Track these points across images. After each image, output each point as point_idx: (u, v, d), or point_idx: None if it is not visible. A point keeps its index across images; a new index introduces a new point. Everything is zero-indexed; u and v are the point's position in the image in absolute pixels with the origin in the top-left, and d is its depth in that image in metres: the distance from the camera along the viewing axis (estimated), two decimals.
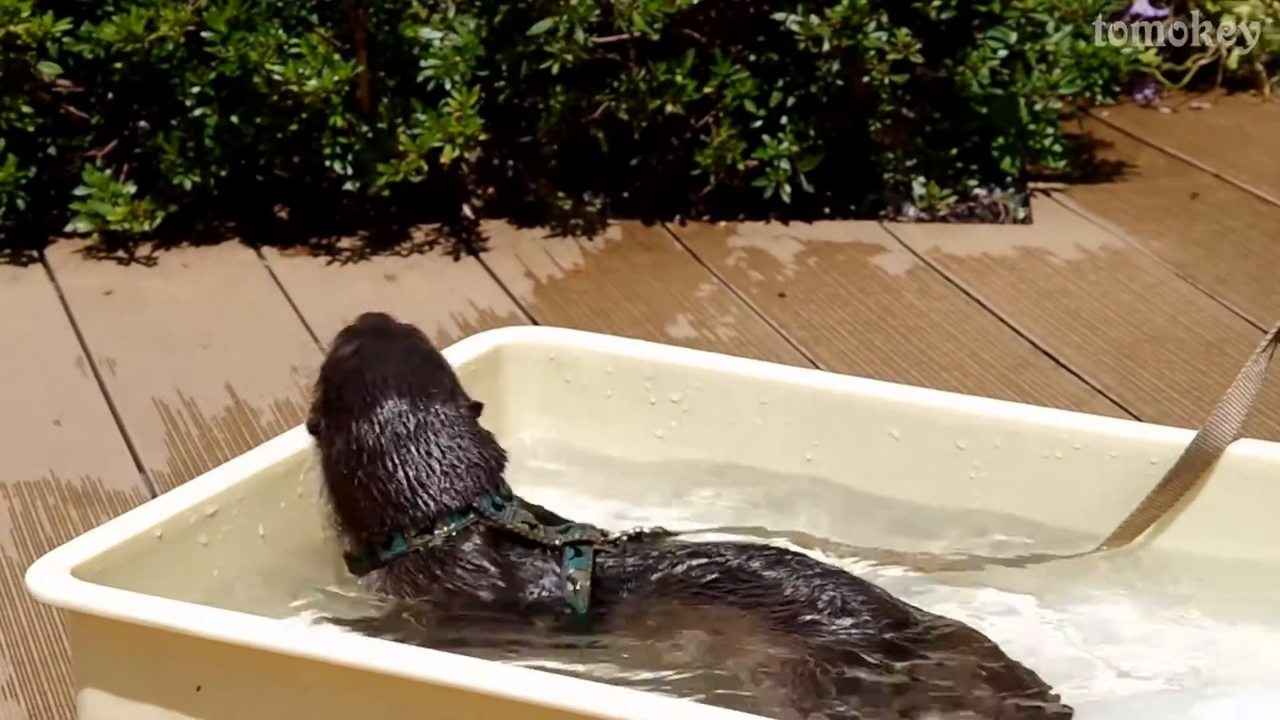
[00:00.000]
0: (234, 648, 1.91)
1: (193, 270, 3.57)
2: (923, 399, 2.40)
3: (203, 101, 3.56)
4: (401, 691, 1.87)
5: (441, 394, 2.23)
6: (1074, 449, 2.29)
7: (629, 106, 3.65)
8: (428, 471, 2.17)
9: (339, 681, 1.89)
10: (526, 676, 1.86)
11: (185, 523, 2.12)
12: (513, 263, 3.60)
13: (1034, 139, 3.80)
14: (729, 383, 2.46)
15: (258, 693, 1.93)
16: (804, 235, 3.70)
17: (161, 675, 1.94)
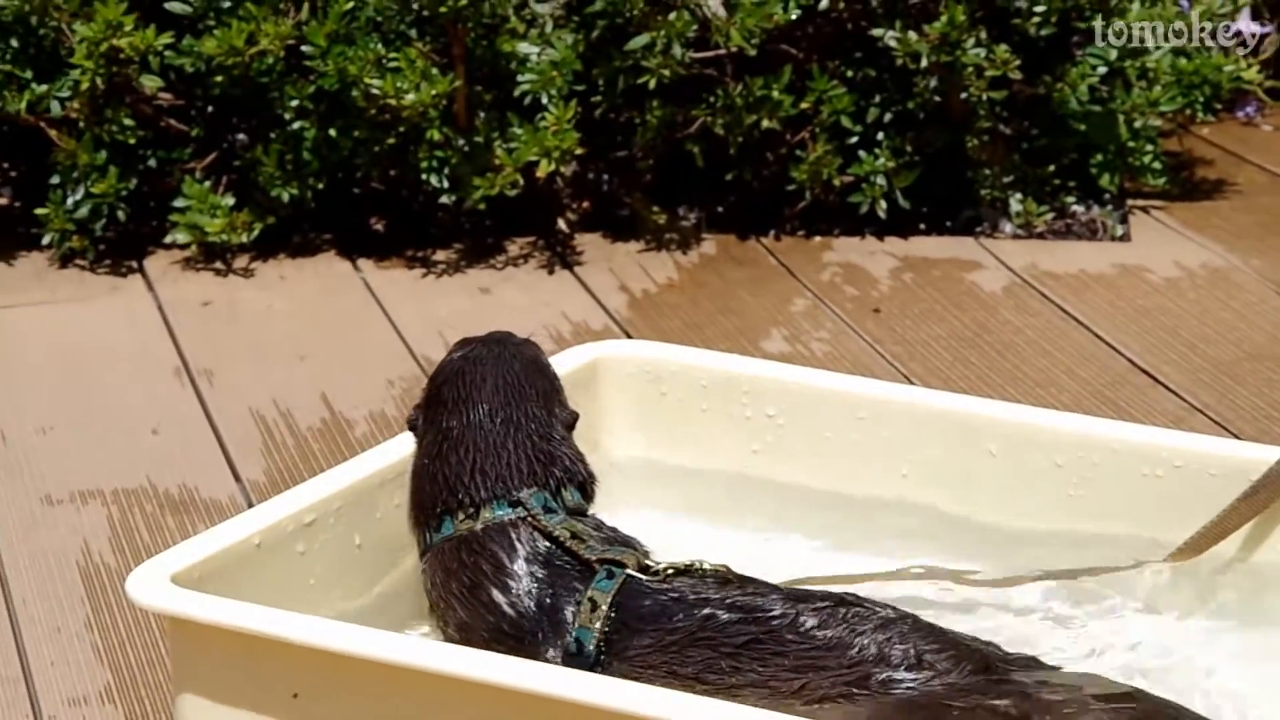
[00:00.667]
0: (330, 655, 1.92)
1: (289, 282, 3.59)
2: (1021, 415, 2.38)
3: (301, 115, 3.58)
4: (495, 701, 1.87)
5: (537, 397, 2.22)
6: (1174, 467, 2.27)
7: (725, 121, 3.65)
8: (494, 461, 2.14)
9: (434, 690, 1.90)
10: (644, 693, 1.83)
11: (283, 531, 2.14)
12: (607, 276, 3.61)
13: (1133, 156, 3.77)
14: (825, 397, 2.45)
15: (353, 701, 1.93)
16: (899, 251, 3.68)
17: (258, 682, 1.95)
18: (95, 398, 3.15)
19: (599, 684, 1.84)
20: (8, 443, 3.01)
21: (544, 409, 2.23)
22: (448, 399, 2.21)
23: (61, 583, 2.63)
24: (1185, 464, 2.27)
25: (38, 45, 3.58)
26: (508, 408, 2.20)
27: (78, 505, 2.82)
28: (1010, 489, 2.34)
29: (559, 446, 2.20)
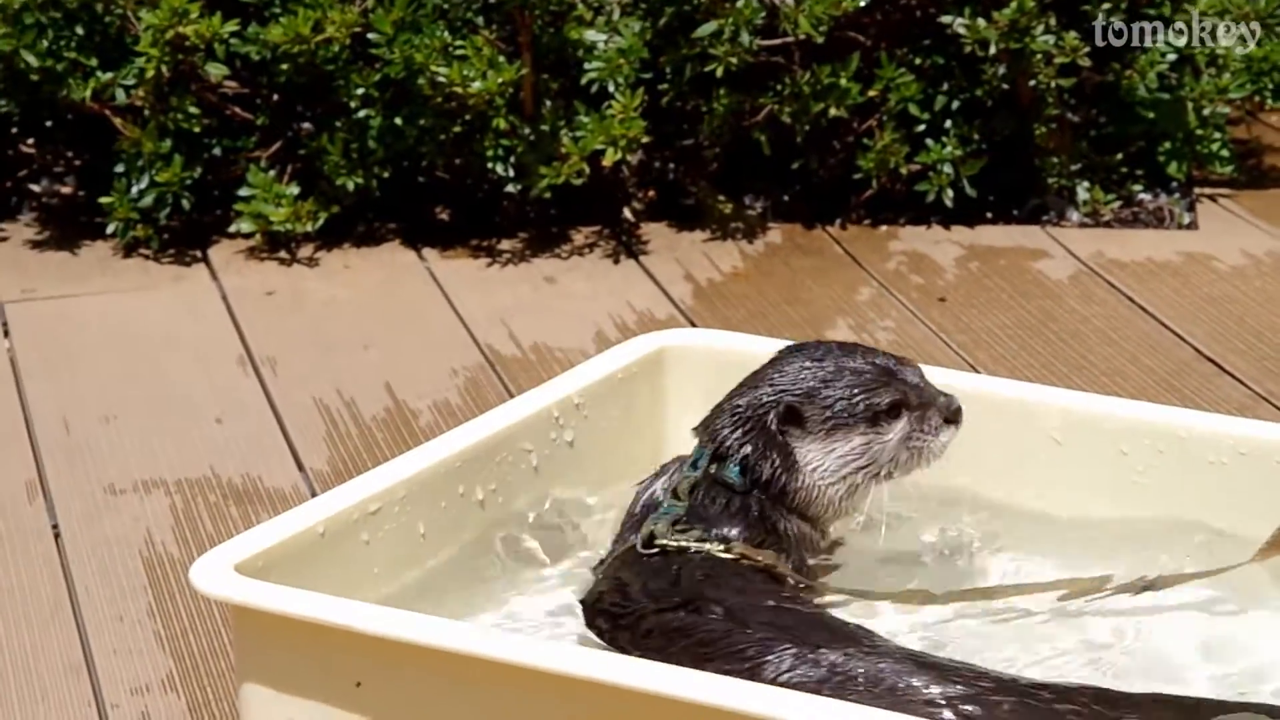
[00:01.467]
0: (394, 644, 1.92)
1: (354, 271, 3.60)
2: (1086, 403, 2.37)
3: (367, 103, 3.58)
4: (561, 690, 1.87)
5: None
6: (1240, 454, 2.25)
7: (792, 110, 3.63)
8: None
9: (499, 679, 1.89)
10: (709, 682, 1.83)
11: (348, 520, 2.14)
12: (672, 265, 3.60)
13: (1201, 144, 3.74)
14: None
15: (417, 689, 1.93)
16: (965, 239, 3.66)
17: (322, 671, 1.95)
18: (158, 387, 3.17)
19: (666, 673, 1.84)
20: (71, 431, 3.02)
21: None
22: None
23: (124, 571, 2.64)
24: (1250, 451, 2.25)
25: (103, 33, 3.59)
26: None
27: (141, 494, 2.83)
28: (1074, 477, 2.32)
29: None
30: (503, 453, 2.32)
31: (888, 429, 2.21)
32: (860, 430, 2.21)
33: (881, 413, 2.21)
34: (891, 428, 2.21)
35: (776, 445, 2.20)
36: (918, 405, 2.22)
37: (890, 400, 2.21)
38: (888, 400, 2.21)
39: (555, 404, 2.39)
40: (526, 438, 2.35)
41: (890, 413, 2.21)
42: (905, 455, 2.22)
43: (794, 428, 2.21)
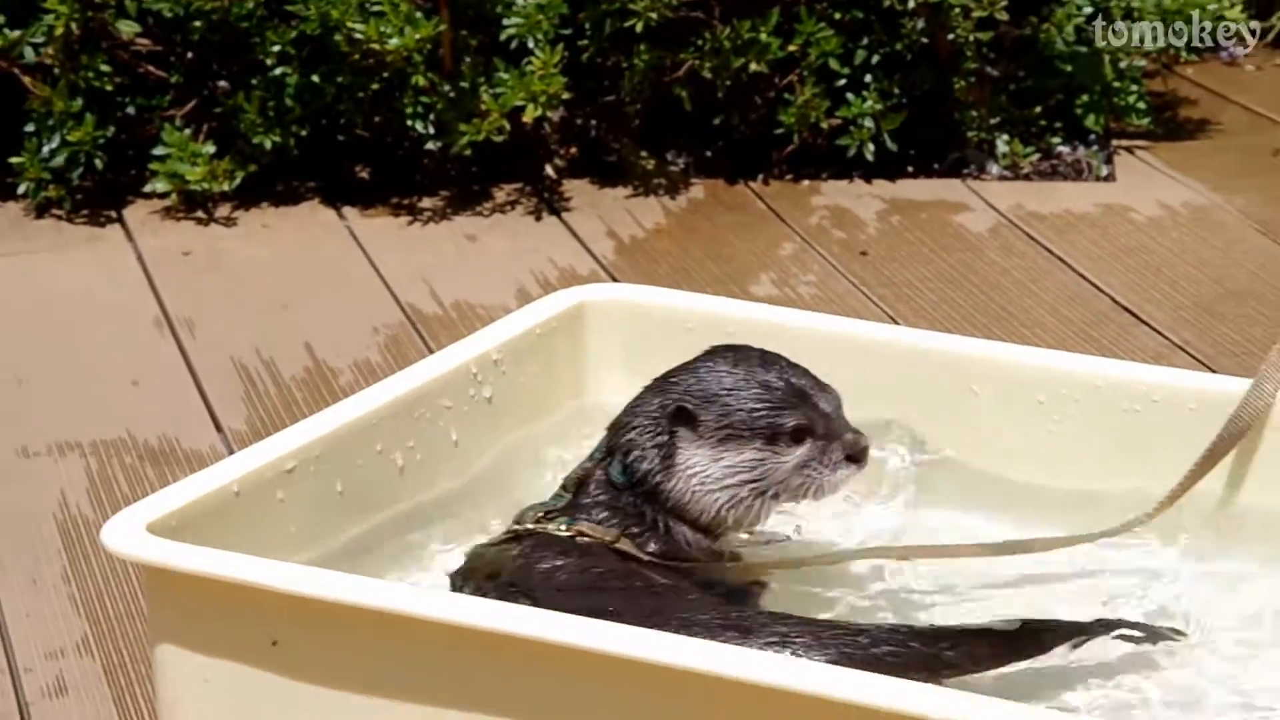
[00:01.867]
0: (309, 602, 1.90)
1: (272, 230, 3.57)
2: (1004, 354, 2.37)
3: (283, 60, 3.55)
4: (474, 644, 1.86)
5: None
6: (1153, 402, 2.26)
7: (713, 65, 3.62)
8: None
9: (414, 635, 1.88)
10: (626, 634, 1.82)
11: (262, 479, 2.11)
12: (595, 222, 3.59)
13: (1118, 96, 3.75)
14: (809, 338, 2.43)
15: (333, 647, 1.92)
16: (887, 193, 3.67)
17: (237, 630, 1.93)
18: (73, 349, 3.14)
19: (578, 626, 1.83)
20: None
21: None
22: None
23: (38, 535, 2.62)
24: (1164, 398, 2.25)
25: None
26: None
27: (55, 458, 2.80)
28: (994, 426, 2.33)
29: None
30: (421, 409, 2.30)
31: (785, 452, 2.13)
32: (755, 446, 2.13)
33: (782, 433, 2.13)
34: (789, 451, 2.13)
35: (659, 444, 2.15)
36: (823, 435, 2.13)
37: (794, 423, 2.13)
38: (791, 423, 2.13)
39: (473, 360, 2.38)
40: (445, 394, 2.33)
41: (793, 436, 2.13)
42: (798, 482, 2.13)
43: (686, 429, 2.14)
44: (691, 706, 1.80)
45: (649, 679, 1.79)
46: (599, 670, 1.81)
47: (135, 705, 2.30)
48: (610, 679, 1.81)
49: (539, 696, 1.84)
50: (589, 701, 1.82)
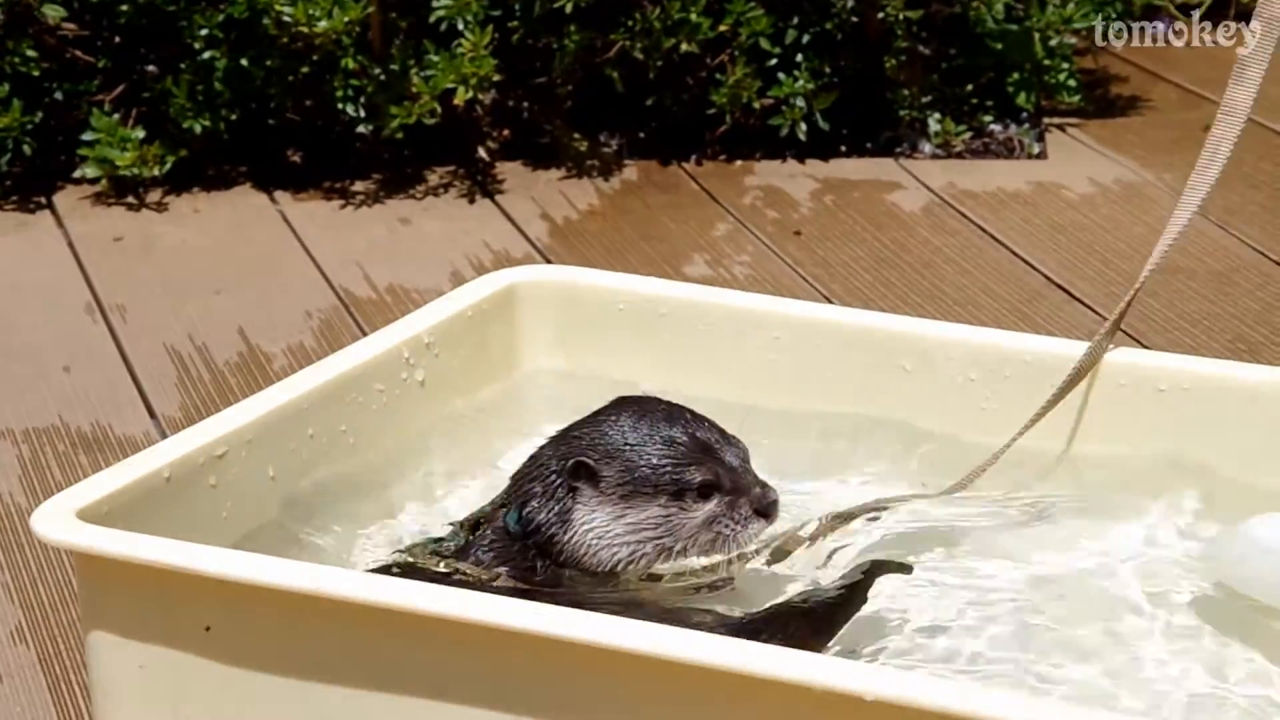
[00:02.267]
0: (242, 587, 1.89)
1: (204, 215, 3.55)
2: (936, 331, 2.37)
3: (212, 44, 3.54)
4: (412, 627, 1.86)
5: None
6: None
7: (643, 45, 3.62)
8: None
9: (350, 619, 1.88)
10: (558, 614, 1.83)
11: (194, 464, 2.10)
12: (528, 204, 3.59)
13: (1048, 74, 3.77)
14: (742, 318, 2.44)
15: (267, 632, 1.91)
16: (820, 173, 3.67)
17: (170, 616, 1.92)
18: (4, 336, 3.11)
19: (518, 609, 1.83)
20: None
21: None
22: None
23: None
24: (1095, 374, 2.27)
25: None
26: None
27: None
28: (925, 404, 2.33)
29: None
30: (353, 393, 2.30)
31: (692, 507, 2.08)
32: (660, 502, 2.08)
33: (689, 489, 2.08)
34: (697, 507, 2.08)
35: (557, 499, 2.10)
36: (730, 490, 2.09)
37: (701, 479, 2.08)
38: (699, 478, 2.07)
39: (405, 343, 2.37)
40: (377, 377, 2.33)
41: (700, 491, 2.08)
42: (707, 538, 2.09)
43: (587, 485, 2.09)
44: (611, 682, 1.80)
45: (570, 656, 1.80)
46: (526, 650, 1.81)
47: (70, 693, 2.29)
48: (542, 659, 1.82)
49: (469, 677, 1.84)
50: (518, 681, 1.82)
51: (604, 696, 1.81)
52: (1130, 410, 2.26)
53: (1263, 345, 2.99)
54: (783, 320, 2.41)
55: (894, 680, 1.72)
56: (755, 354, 2.42)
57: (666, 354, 2.47)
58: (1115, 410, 2.26)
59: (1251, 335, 3.03)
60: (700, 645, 1.76)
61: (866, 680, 1.71)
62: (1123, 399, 2.26)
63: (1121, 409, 2.26)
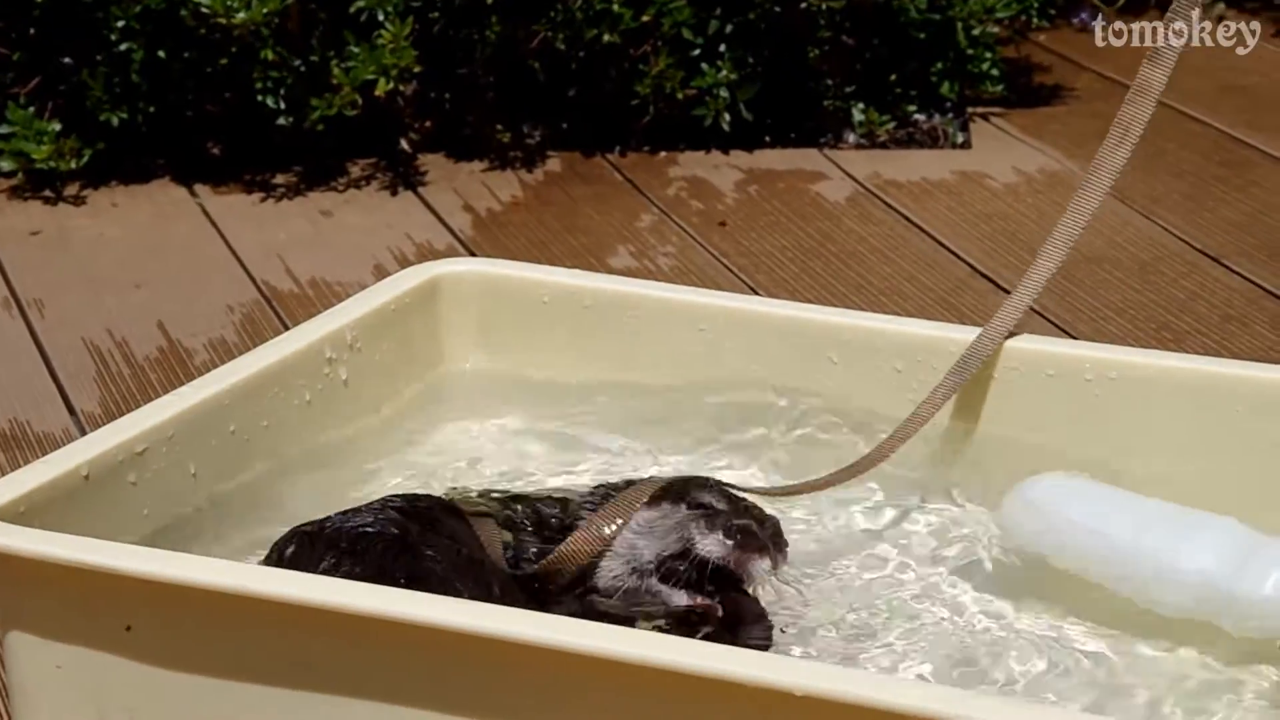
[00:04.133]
0: (163, 586, 1.87)
1: (123, 209, 3.51)
2: (861, 322, 2.37)
3: (128, 36, 3.50)
4: (336, 625, 1.84)
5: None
6: (1009, 368, 2.27)
7: (566, 36, 3.60)
8: None
9: (271, 618, 1.86)
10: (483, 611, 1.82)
11: (113, 461, 2.07)
12: (451, 196, 3.56)
13: (972, 64, 3.77)
14: (666, 309, 2.43)
15: (189, 631, 1.89)
16: (744, 164, 3.66)
17: (89, 616, 1.90)
18: None
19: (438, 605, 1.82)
20: None
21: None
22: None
23: None
24: (1020, 365, 2.26)
25: None
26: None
27: None
28: (850, 396, 2.33)
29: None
30: (274, 388, 2.27)
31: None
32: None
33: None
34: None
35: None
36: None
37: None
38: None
39: (327, 337, 2.34)
40: (299, 373, 2.30)
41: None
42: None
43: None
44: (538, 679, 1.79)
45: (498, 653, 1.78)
46: (445, 646, 1.79)
47: None
48: (468, 656, 1.80)
49: (392, 674, 1.82)
50: (439, 679, 1.81)
51: (532, 693, 1.79)
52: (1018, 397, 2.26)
53: (1188, 334, 3.00)
54: (706, 311, 2.40)
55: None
56: (680, 346, 2.41)
57: (591, 346, 2.46)
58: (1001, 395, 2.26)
59: (1176, 324, 3.04)
60: (644, 644, 1.75)
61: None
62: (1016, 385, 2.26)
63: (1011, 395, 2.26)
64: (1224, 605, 1.97)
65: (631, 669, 1.73)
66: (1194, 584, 1.98)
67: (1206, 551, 2.00)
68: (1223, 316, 3.05)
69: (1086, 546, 2.05)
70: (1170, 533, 2.02)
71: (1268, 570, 1.97)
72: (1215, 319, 3.05)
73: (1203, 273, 3.22)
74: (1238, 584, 1.97)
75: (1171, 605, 2.00)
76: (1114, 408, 2.24)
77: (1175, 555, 2.00)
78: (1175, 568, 1.99)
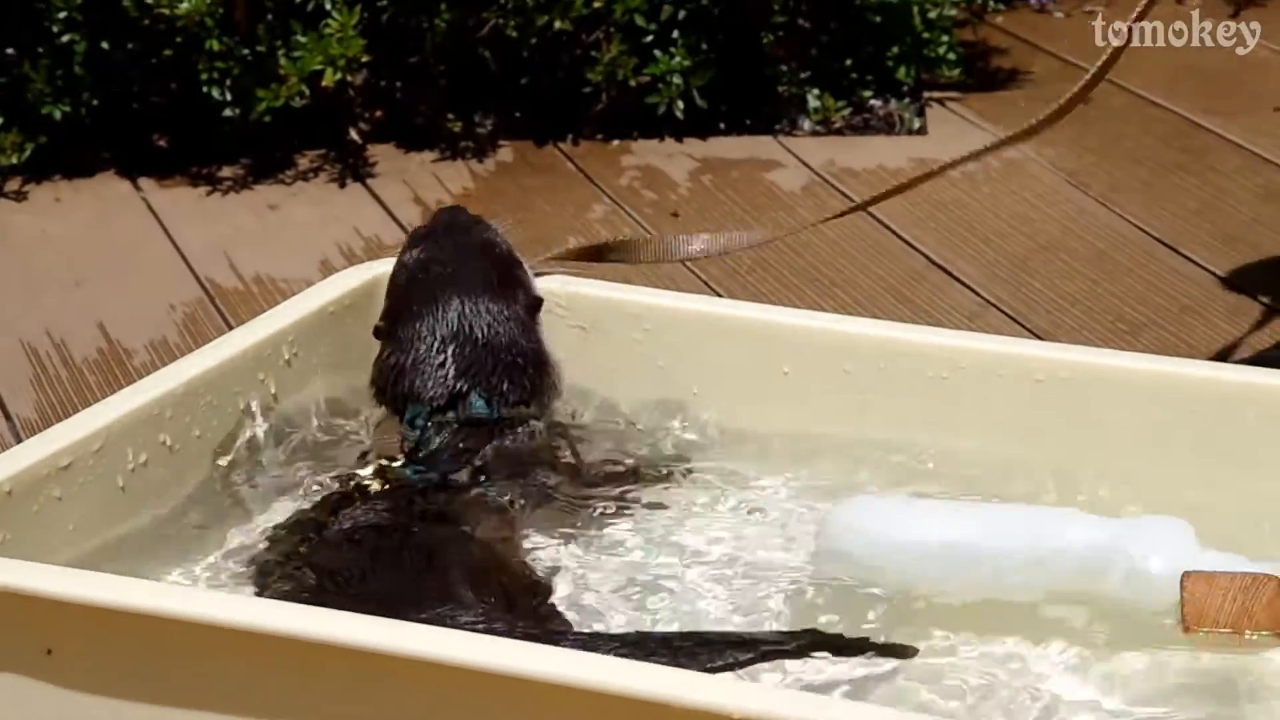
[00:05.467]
0: (86, 608, 1.82)
1: (65, 204, 3.46)
2: (808, 321, 2.32)
3: (71, 27, 3.44)
4: (261, 648, 1.79)
5: (491, 290, 2.28)
6: (959, 368, 2.23)
7: (517, 23, 3.55)
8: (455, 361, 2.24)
9: (197, 641, 1.81)
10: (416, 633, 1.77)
11: (36, 476, 2.03)
12: (400, 188, 3.51)
13: (928, 48, 3.72)
14: (609, 309, 2.39)
15: (112, 655, 1.84)
16: (698, 152, 3.62)
17: (8, 639, 1.85)
18: None
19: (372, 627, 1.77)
20: None
21: (501, 302, 2.29)
22: (413, 304, 2.28)
23: None
24: (970, 364, 2.22)
25: None
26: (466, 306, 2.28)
27: None
28: (801, 397, 2.29)
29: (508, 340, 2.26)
30: (208, 396, 2.22)
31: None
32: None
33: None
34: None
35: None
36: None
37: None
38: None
39: (264, 341, 2.30)
40: (234, 380, 2.25)
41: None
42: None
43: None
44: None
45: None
46: (377, 669, 1.75)
47: None
48: (395, 677, 1.75)
49: (317, 697, 1.77)
50: (369, 700, 1.76)
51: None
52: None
53: (1144, 326, 2.97)
54: (649, 311, 2.36)
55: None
56: (622, 346, 2.37)
57: None
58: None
59: (1132, 315, 3.00)
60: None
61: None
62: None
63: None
64: (1111, 562, 1.96)
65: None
66: (1079, 550, 1.97)
67: (1086, 523, 1.99)
68: (1180, 308, 3.02)
69: (920, 557, 2.00)
70: (1026, 518, 2.02)
71: (1155, 537, 1.96)
72: (1173, 310, 3.01)
73: (1160, 262, 3.18)
74: (1126, 544, 1.96)
75: (1045, 582, 1.96)
76: (1065, 409, 2.20)
77: (1057, 530, 1.99)
78: (1060, 537, 1.98)
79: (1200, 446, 2.16)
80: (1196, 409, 2.16)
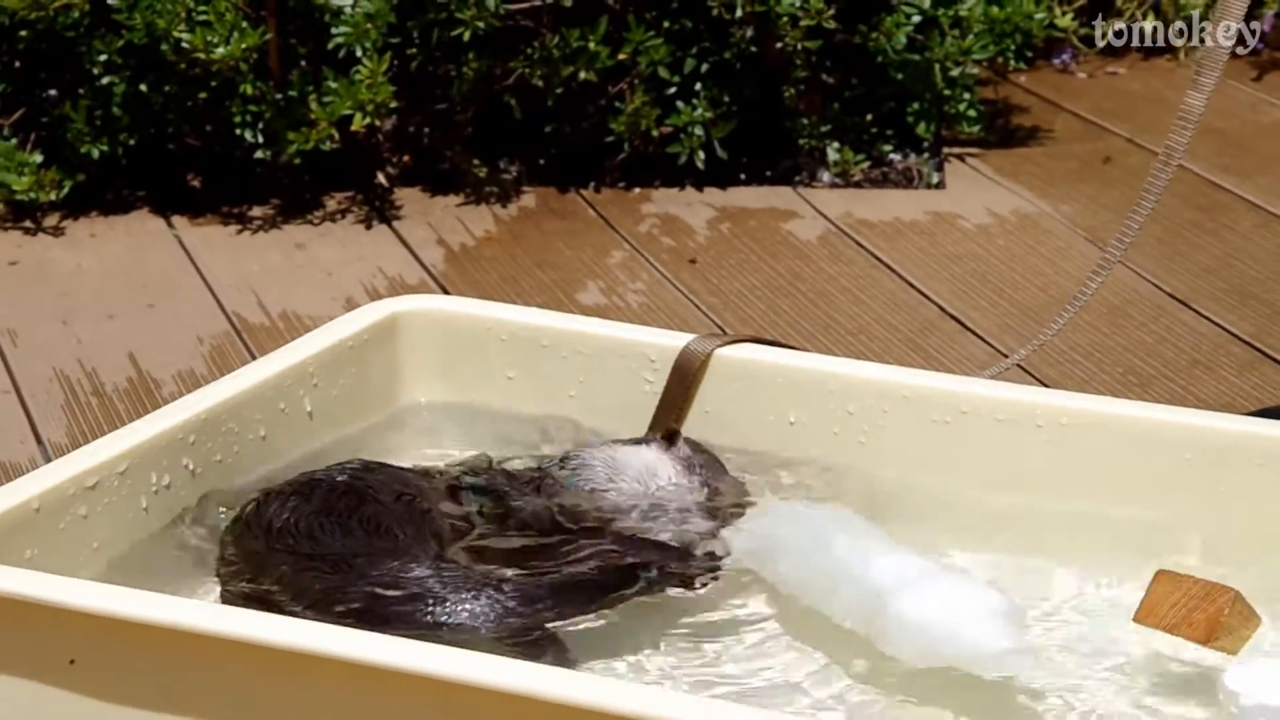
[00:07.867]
0: (105, 620, 1.89)
1: (100, 240, 3.54)
2: (814, 364, 2.38)
3: (110, 70, 3.52)
4: (278, 662, 1.85)
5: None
6: (962, 413, 2.28)
7: (542, 73, 3.63)
8: None
9: (216, 653, 1.87)
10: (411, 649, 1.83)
11: (64, 494, 2.09)
12: (425, 230, 3.58)
13: (949, 104, 3.79)
14: (623, 349, 2.44)
15: (133, 666, 1.91)
16: (718, 201, 3.68)
17: (32, 649, 1.91)
18: None
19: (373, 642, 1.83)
20: None
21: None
22: None
23: None
24: (973, 409, 2.28)
25: None
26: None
27: None
28: (805, 438, 2.34)
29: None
30: (229, 423, 2.29)
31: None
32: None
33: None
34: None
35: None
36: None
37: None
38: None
39: (285, 372, 2.36)
40: (254, 408, 2.32)
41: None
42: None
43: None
44: None
45: None
46: (384, 684, 1.81)
47: None
48: (409, 692, 1.81)
49: (334, 710, 1.83)
50: (379, 714, 1.82)
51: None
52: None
53: (1154, 379, 3.01)
54: (659, 351, 2.42)
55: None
56: (633, 385, 2.43)
57: (548, 386, 2.47)
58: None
59: (1143, 368, 3.05)
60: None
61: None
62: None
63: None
64: (873, 617, 2.00)
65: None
66: (865, 592, 2.01)
67: (884, 567, 2.03)
68: (1190, 361, 3.07)
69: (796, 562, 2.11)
70: (863, 549, 2.07)
71: (923, 595, 1.99)
72: (1182, 363, 3.06)
73: (1171, 316, 3.23)
74: (894, 600, 1.99)
75: (839, 611, 2.04)
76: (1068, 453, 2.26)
77: (862, 566, 2.04)
78: (852, 576, 2.03)
79: (1205, 492, 2.21)
80: (1192, 456, 2.22)
